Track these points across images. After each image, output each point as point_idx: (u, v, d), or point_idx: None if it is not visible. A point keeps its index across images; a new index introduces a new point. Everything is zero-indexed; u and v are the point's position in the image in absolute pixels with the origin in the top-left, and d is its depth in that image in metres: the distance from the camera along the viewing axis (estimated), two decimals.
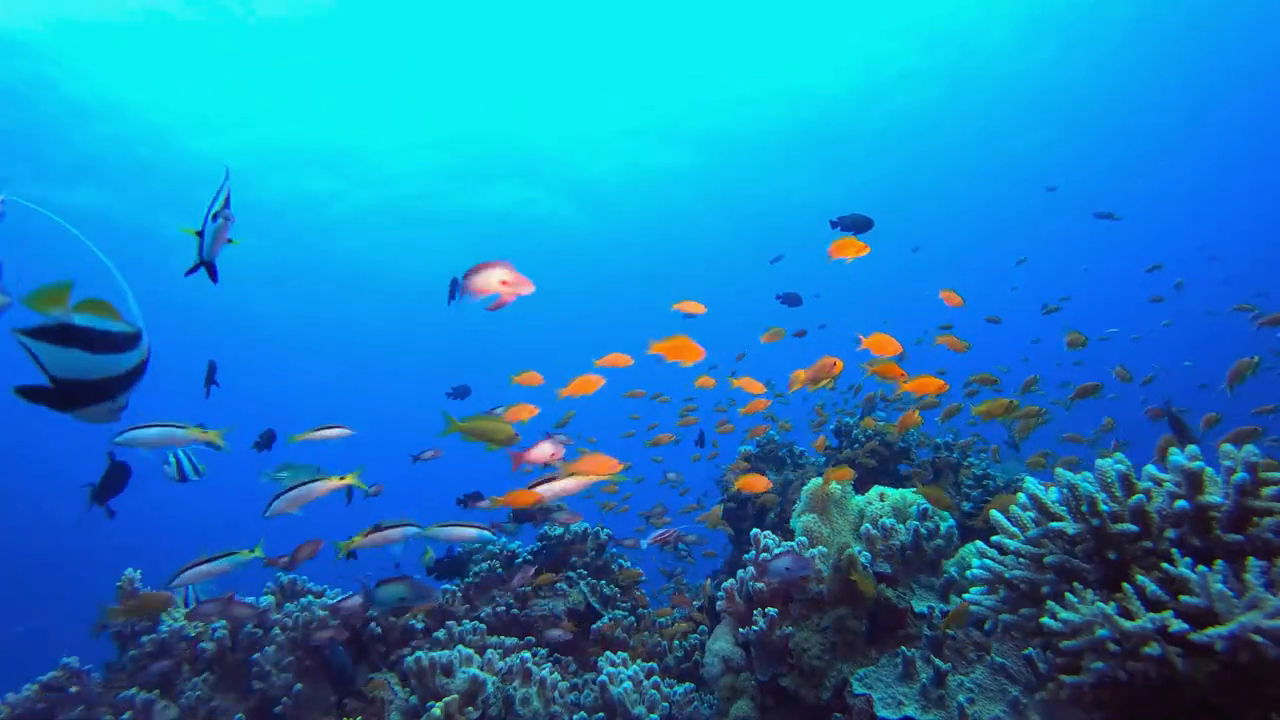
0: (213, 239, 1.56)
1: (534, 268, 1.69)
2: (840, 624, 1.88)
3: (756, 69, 10.35)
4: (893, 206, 13.08)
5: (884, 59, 10.17)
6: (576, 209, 13.53)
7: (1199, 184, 14.02)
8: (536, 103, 10.81)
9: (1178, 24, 9.67)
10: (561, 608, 2.80)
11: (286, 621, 2.44)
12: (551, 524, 2.98)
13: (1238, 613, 0.99)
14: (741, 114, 11.15)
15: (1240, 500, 1.11)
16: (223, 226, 1.54)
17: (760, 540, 2.14)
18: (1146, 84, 10.89)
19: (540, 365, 2.63)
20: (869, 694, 1.73)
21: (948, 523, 2.06)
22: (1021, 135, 12.02)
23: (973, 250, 15.96)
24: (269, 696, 2.33)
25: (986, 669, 1.72)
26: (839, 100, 10.90)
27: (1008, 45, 9.94)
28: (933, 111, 11.23)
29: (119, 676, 2.46)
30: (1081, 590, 1.19)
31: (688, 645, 2.67)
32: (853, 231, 3.21)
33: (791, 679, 1.88)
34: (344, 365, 20.15)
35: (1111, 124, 11.79)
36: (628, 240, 14.68)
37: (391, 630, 2.51)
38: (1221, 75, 10.74)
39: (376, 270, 14.70)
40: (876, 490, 2.24)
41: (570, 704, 2.16)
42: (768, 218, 13.76)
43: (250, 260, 13.60)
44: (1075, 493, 1.25)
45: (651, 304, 10.07)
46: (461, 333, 18.49)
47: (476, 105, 10.71)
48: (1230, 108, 11.62)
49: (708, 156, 12.14)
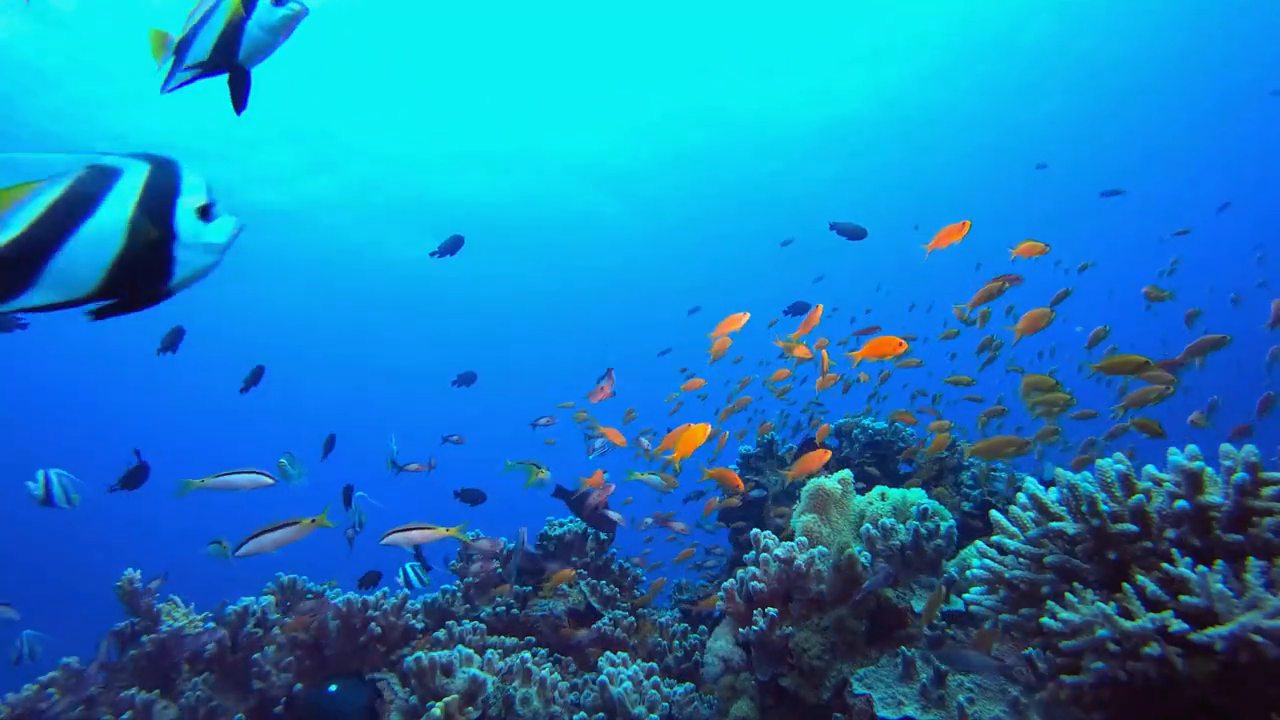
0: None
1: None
2: (840, 624, 1.88)
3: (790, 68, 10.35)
4: (914, 202, 13.08)
5: (915, 58, 10.15)
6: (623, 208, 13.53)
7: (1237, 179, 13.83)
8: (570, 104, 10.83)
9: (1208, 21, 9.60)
10: (562, 608, 2.80)
11: (286, 621, 2.44)
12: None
13: (1238, 613, 0.99)
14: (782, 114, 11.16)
15: (1240, 500, 1.11)
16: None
17: (760, 540, 2.14)
18: (1180, 76, 10.77)
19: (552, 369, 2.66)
20: (869, 694, 1.73)
21: (948, 522, 2.06)
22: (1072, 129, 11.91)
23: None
24: (269, 696, 2.33)
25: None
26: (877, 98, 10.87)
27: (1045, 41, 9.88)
28: (965, 108, 11.19)
29: (119, 676, 2.46)
30: (1081, 590, 1.19)
31: (688, 645, 2.67)
32: (848, 238, 3.23)
33: (791, 679, 1.88)
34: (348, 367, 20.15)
35: (1142, 115, 11.66)
36: (665, 236, 14.70)
37: (391, 630, 2.51)
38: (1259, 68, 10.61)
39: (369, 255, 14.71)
40: (877, 490, 2.24)
41: (570, 704, 2.16)
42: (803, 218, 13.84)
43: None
44: (1075, 493, 1.25)
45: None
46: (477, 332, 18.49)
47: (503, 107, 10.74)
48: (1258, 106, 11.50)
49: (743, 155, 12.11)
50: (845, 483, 2.26)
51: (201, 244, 0.75)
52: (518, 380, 20.50)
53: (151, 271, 0.74)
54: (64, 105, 9.49)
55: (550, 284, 16.70)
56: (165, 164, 0.74)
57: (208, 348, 16.93)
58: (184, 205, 0.74)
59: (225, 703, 2.36)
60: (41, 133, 9.79)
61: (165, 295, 0.77)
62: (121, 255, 0.72)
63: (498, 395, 20.97)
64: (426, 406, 20.87)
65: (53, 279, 0.70)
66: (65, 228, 0.70)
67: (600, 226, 14.28)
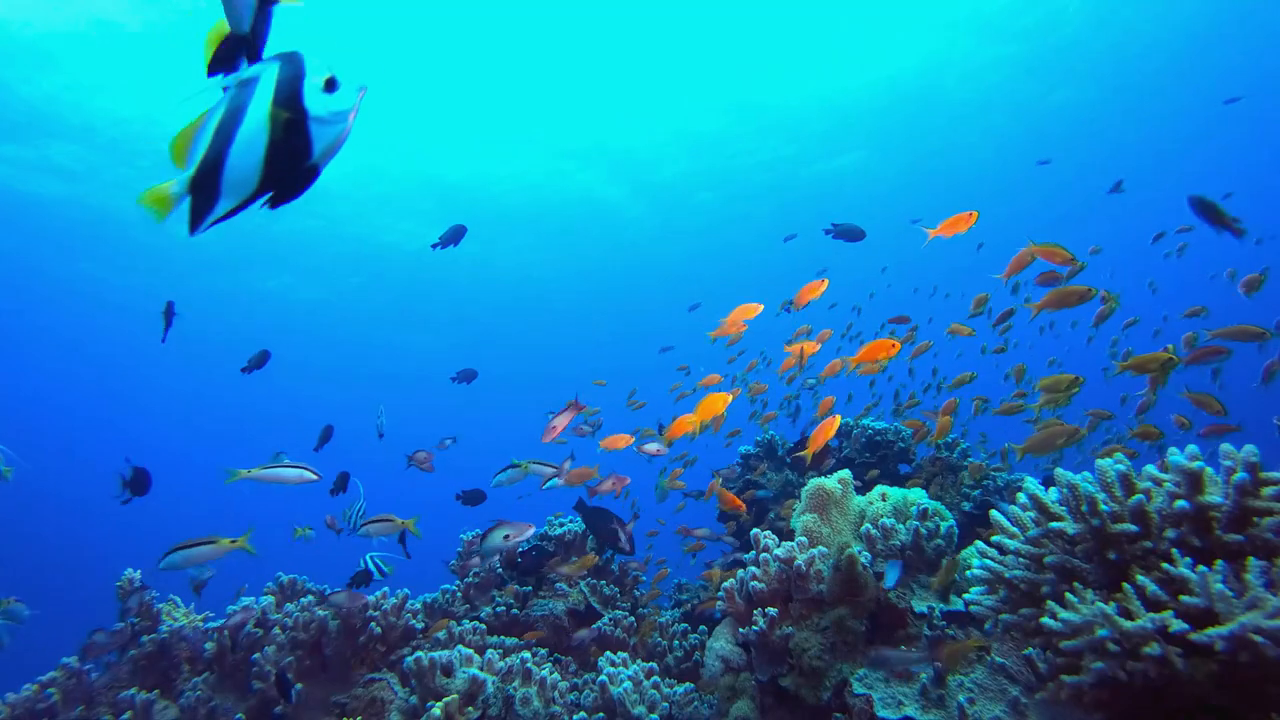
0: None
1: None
2: (840, 624, 1.88)
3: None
4: (927, 188, 13.05)
5: (949, 45, 10.11)
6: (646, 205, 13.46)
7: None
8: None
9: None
10: (562, 608, 2.80)
11: (286, 622, 2.44)
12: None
13: (1238, 613, 0.99)
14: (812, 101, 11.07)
15: (1240, 500, 1.11)
16: None
17: (760, 540, 2.14)
18: (1219, 64, 10.66)
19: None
20: (869, 694, 1.73)
21: (948, 522, 2.06)
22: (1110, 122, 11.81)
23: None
24: (269, 697, 2.33)
25: (986, 669, 1.72)
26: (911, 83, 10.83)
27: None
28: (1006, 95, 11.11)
29: (120, 676, 2.46)
30: (1081, 590, 1.19)
31: (688, 645, 2.67)
32: (847, 240, 3.23)
33: (791, 679, 1.88)
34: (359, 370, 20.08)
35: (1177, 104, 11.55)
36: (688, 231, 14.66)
37: (391, 630, 2.51)
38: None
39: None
40: (878, 490, 2.24)
41: (570, 704, 2.16)
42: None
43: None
44: (1075, 493, 1.25)
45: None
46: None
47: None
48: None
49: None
50: (845, 483, 2.26)
51: (330, 113, 0.84)
52: (517, 381, 20.46)
53: (295, 152, 0.85)
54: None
55: (559, 275, 16.56)
56: (291, 57, 0.85)
57: (206, 348, 16.95)
58: (310, 85, 0.84)
59: (225, 703, 2.36)
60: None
61: (313, 174, 0.87)
62: (270, 147, 0.84)
63: (497, 395, 20.94)
64: (426, 406, 20.88)
65: (229, 187, 0.84)
66: (228, 141, 0.83)
67: (613, 215, 14.19)
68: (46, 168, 10.93)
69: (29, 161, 10.76)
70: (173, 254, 13.75)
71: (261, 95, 0.83)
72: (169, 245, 13.37)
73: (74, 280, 14.55)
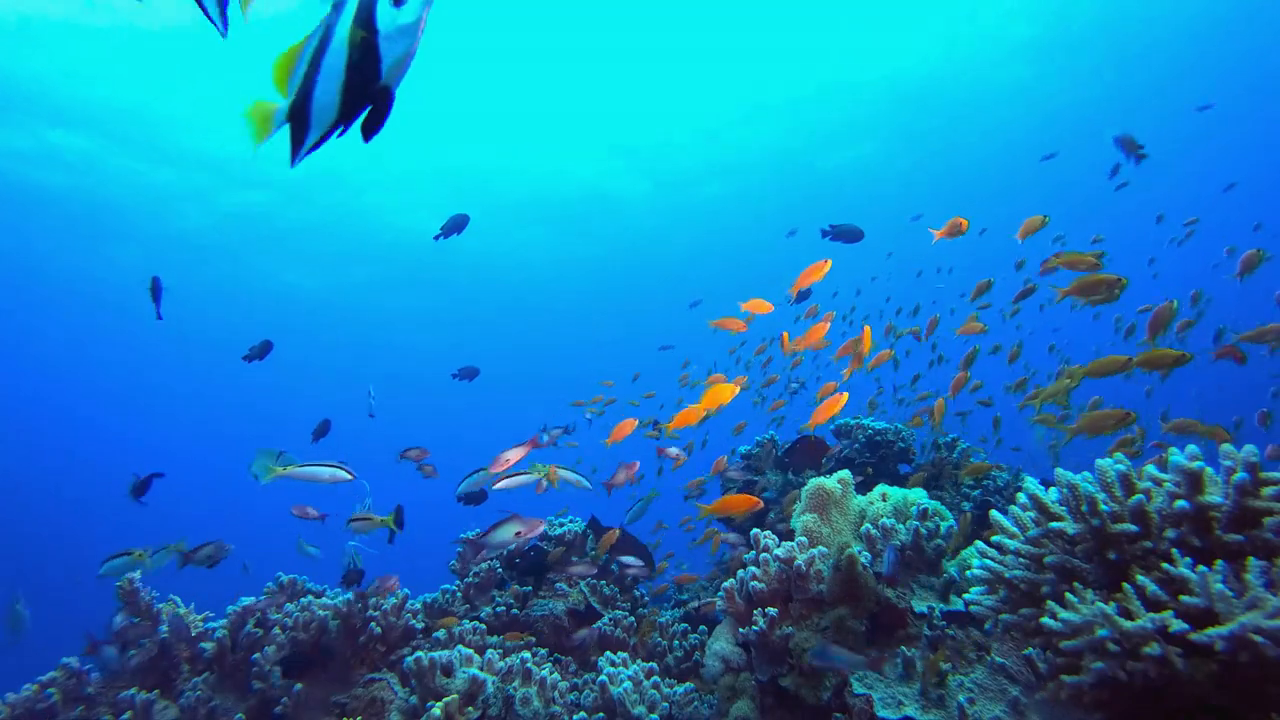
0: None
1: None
2: (840, 624, 1.88)
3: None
4: (932, 183, 13.02)
5: (977, 36, 10.10)
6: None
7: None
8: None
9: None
10: (562, 607, 2.80)
11: (286, 621, 2.44)
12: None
13: (1238, 613, 0.99)
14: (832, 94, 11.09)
15: (1240, 500, 1.11)
16: None
17: (760, 540, 2.14)
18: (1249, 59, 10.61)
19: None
20: (869, 694, 1.73)
21: (948, 522, 2.06)
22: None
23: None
24: (269, 696, 2.33)
25: (986, 669, 1.72)
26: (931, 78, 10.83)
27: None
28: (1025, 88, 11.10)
29: (120, 676, 2.46)
30: (1081, 590, 1.19)
31: (688, 645, 2.67)
32: (846, 241, 3.22)
33: (791, 679, 1.88)
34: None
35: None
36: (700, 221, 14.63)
37: (391, 630, 2.51)
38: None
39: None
40: (879, 490, 2.24)
41: (570, 704, 2.16)
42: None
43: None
44: (1075, 493, 1.25)
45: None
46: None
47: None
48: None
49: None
50: (845, 483, 2.26)
51: (396, 29, 0.83)
52: (517, 381, 20.42)
53: (366, 73, 0.83)
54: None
55: (563, 274, 16.49)
56: None
57: (207, 347, 16.93)
58: (382, 3, 0.83)
59: (225, 703, 2.36)
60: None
61: (386, 97, 0.85)
62: (346, 71, 0.83)
63: (497, 396, 20.91)
64: (426, 406, 20.84)
65: (316, 117, 0.84)
66: (317, 69, 0.83)
67: (620, 207, 14.12)
68: (48, 157, 10.90)
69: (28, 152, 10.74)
70: (173, 253, 13.75)
71: (346, 16, 0.83)
72: (168, 240, 13.37)
73: (74, 280, 14.55)
